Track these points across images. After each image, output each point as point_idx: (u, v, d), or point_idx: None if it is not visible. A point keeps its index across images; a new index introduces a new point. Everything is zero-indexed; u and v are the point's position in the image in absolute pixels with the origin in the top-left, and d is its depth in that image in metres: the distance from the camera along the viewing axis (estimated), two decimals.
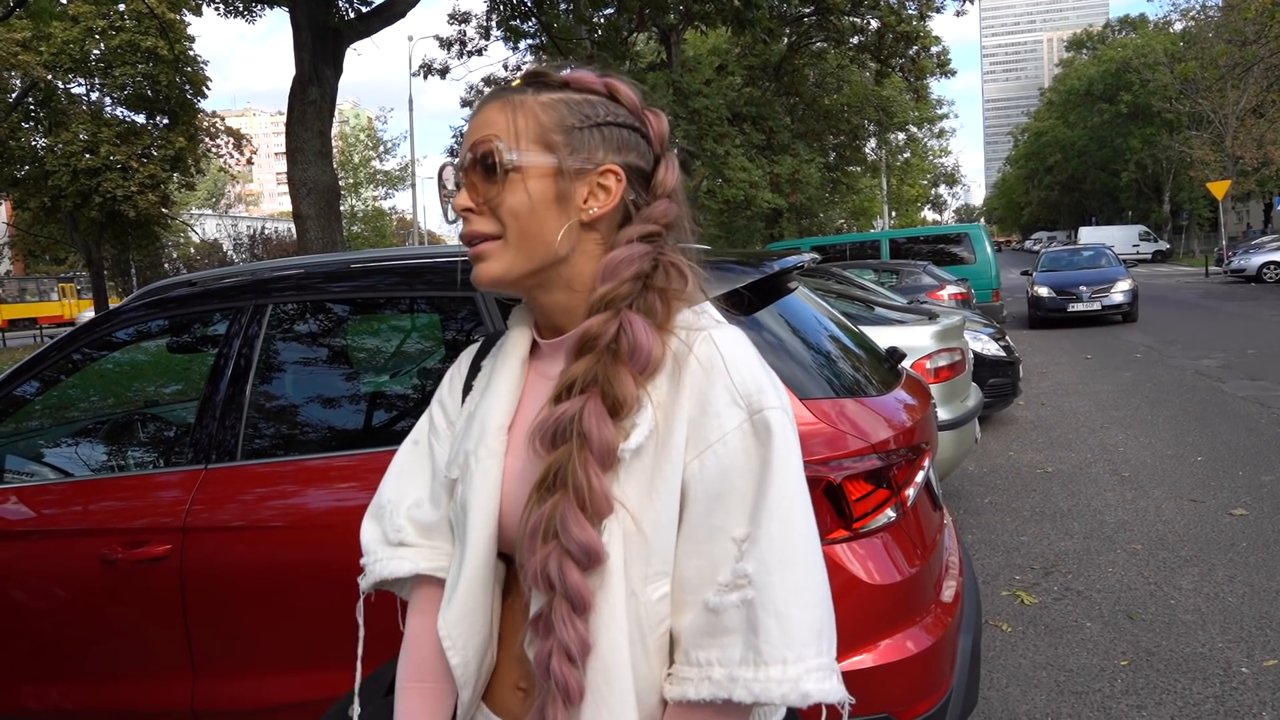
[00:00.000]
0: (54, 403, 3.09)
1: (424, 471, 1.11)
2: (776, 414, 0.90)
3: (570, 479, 0.87)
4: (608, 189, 0.96)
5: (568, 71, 1.00)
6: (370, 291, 2.55)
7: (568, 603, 0.86)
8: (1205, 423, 7.28)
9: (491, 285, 0.97)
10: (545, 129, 0.95)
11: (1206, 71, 35.17)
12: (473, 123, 0.98)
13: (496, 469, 0.98)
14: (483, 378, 1.08)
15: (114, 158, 25.26)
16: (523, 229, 0.95)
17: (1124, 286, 15.94)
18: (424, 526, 1.08)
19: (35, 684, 2.43)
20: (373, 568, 1.10)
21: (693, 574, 0.89)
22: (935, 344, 5.06)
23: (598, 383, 0.89)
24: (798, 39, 24.56)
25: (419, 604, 1.08)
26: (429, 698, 1.04)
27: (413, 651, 1.07)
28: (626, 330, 0.90)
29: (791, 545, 0.87)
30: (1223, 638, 3.48)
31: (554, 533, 0.86)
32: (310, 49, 9.81)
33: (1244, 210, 53.36)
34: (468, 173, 0.96)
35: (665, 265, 0.96)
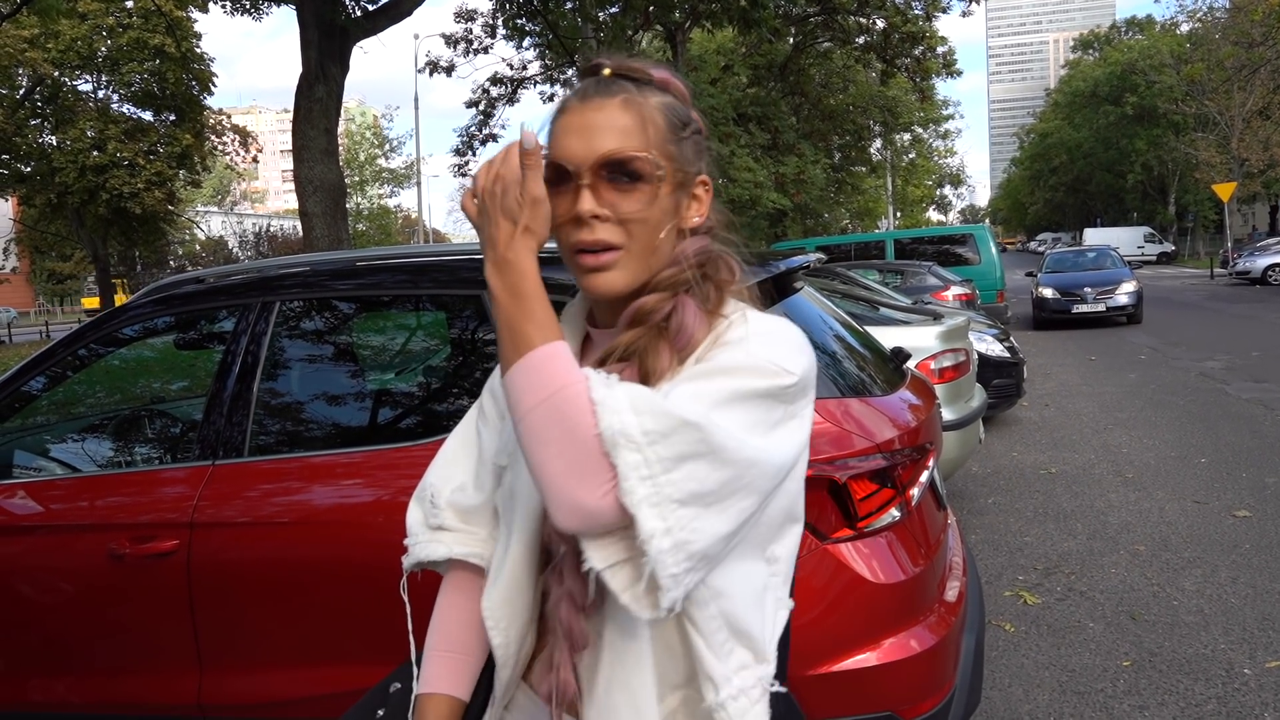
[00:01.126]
0: (62, 399, 3.11)
1: (470, 457, 1.14)
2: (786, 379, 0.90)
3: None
4: (700, 199, 1.01)
5: (663, 74, 1.00)
6: (376, 289, 2.57)
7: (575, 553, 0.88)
8: (1209, 424, 7.27)
9: (613, 297, 0.97)
10: (665, 137, 0.96)
11: (1213, 73, 35.06)
12: (589, 118, 0.95)
13: None
14: None
15: (121, 155, 25.33)
16: (645, 243, 0.96)
17: (1129, 288, 15.91)
18: (464, 511, 1.11)
19: (43, 678, 2.45)
20: (414, 549, 1.13)
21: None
22: (940, 344, 5.06)
23: (638, 354, 0.93)
24: (803, 39, 24.55)
25: (451, 583, 1.13)
26: (453, 665, 1.09)
27: (441, 624, 1.11)
28: (679, 311, 0.94)
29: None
30: (1225, 639, 3.48)
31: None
32: (317, 47, 9.83)
33: (1249, 212, 53.20)
34: (594, 176, 0.93)
35: (718, 258, 1.00)
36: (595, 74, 0.99)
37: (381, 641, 2.16)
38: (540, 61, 21.03)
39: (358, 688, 2.18)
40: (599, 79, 0.98)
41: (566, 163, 0.94)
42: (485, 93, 21.14)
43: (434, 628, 1.12)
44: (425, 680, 1.09)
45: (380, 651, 2.16)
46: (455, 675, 1.08)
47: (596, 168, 0.93)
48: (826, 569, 1.96)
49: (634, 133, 0.94)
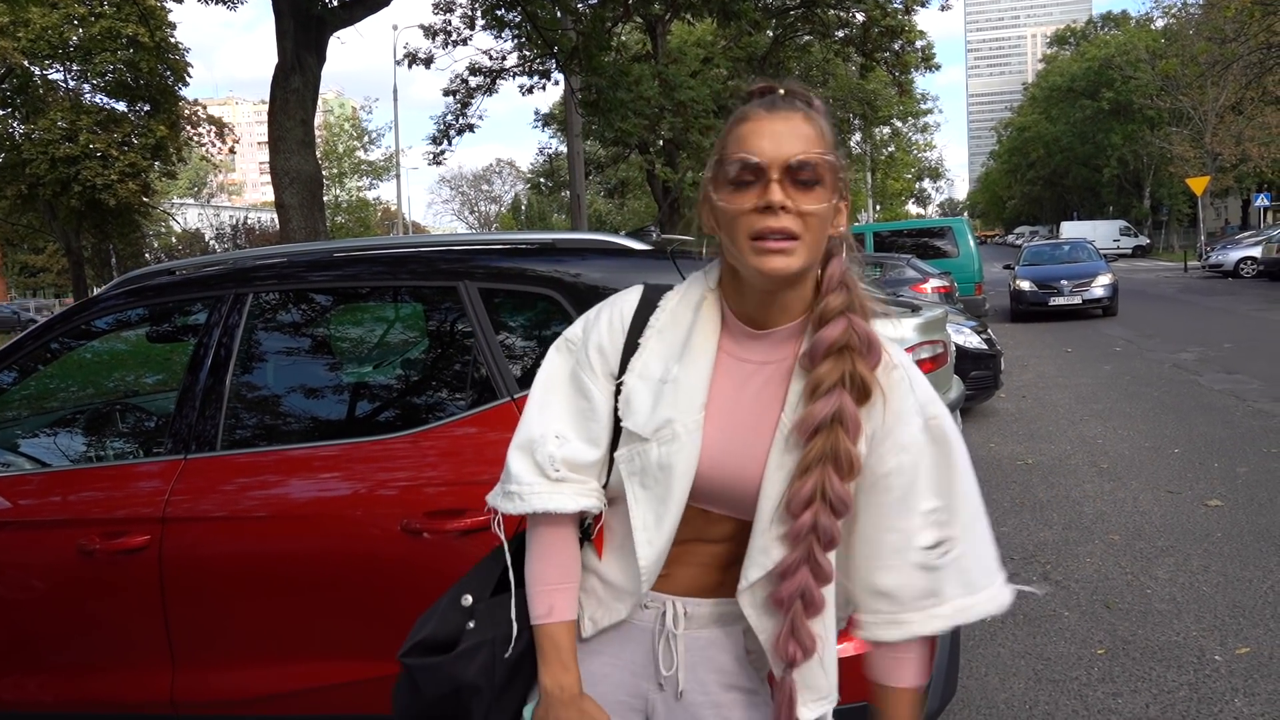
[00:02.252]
0: (31, 392, 3.06)
1: (567, 409, 1.24)
2: (947, 419, 1.18)
3: (835, 452, 1.10)
4: (843, 211, 1.16)
5: (818, 100, 1.16)
6: (353, 281, 2.54)
7: (822, 543, 1.12)
8: (1182, 415, 7.36)
9: (787, 277, 1.11)
10: (832, 147, 1.13)
11: (1187, 69, 35.34)
12: (778, 126, 1.10)
13: (699, 439, 1.17)
14: (660, 343, 1.21)
15: (93, 146, 24.92)
16: (816, 237, 1.11)
17: (1104, 281, 16.08)
18: (577, 464, 1.23)
19: (12, 676, 2.41)
20: (530, 498, 1.22)
21: (891, 543, 1.16)
22: (918, 336, 5.08)
23: (846, 379, 1.11)
24: (783, 32, 24.55)
25: (555, 527, 1.24)
26: (568, 595, 1.24)
27: (554, 563, 1.24)
28: (859, 333, 1.13)
29: (976, 508, 1.18)
30: (1197, 626, 3.52)
31: (820, 495, 1.10)
32: (293, 36, 9.71)
33: (1222, 206, 53.84)
34: (784, 174, 1.08)
35: (851, 276, 1.17)
36: (773, 92, 1.15)
37: (358, 636, 2.15)
38: (519, 53, 20.91)
39: (333, 683, 2.17)
40: (779, 95, 1.14)
41: (760, 159, 1.08)
42: (463, 82, 20.98)
43: (547, 563, 1.24)
44: (554, 610, 1.22)
45: (355, 646, 2.15)
46: (572, 603, 1.24)
47: (785, 166, 1.08)
48: None
49: (816, 141, 1.10)
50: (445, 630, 1.26)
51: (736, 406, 1.18)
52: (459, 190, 72.21)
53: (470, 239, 2.66)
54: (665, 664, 1.23)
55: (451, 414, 2.29)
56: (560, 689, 1.20)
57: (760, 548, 1.15)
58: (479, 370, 2.27)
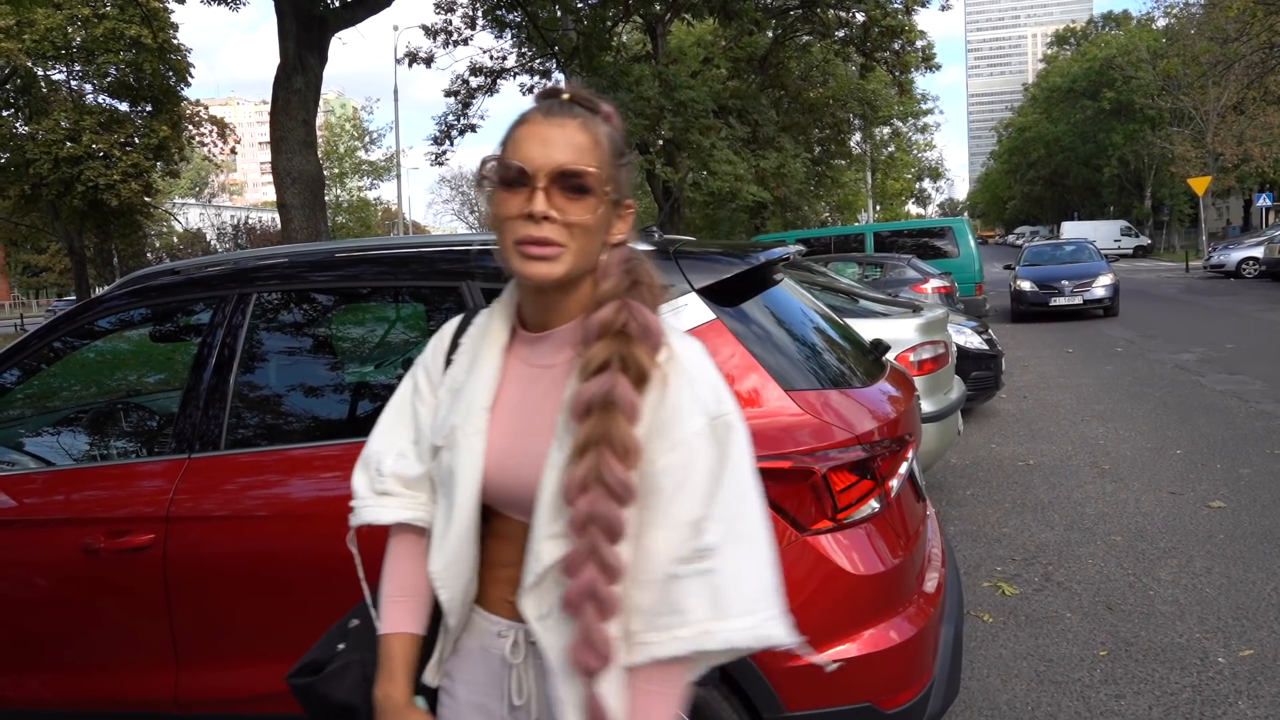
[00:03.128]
0: (35, 391, 3.06)
1: (407, 428, 1.30)
2: (733, 418, 1.10)
3: (611, 435, 1.04)
4: (626, 219, 1.17)
5: (607, 109, 1.15)
6: (355, 281, 2.54)
7: (606, 534, 1.03)
8: (1184, 416, 7.35)
9: (549, 283, 1.11)
10: (607, 159, 1.12)
11: (1188, 68, 35.35)
12: (551, 132, 1.09)
13: (481, 443, 1.17)
14: (464, 355, 1.24)
15: (96, 146, 24.91)
16: (582, 245, 1.10)
17: (1105, 281, 16.06)
18: (407, 479, 1.27)
19: (17, 675, 2.42)
20: (360, 511, 1.29)
21: (653, 553, 1.06)
22: (919, 337, 5.09)
23: (621, 360, 1.07)
24: (783, 32, 24.54)
25: (398, 540, 1.29)
26: (409, 607, 1.26)
27: (395, 573, 1.28)
28: (636, 316, 1.09)
29: (745, 522, 1.07)
30: (1200, 628, 3.52)
31: (597, 480, 1.03)
32: (295, 37, 9.73)
33: (1224, 206, 53.81)
34: (549, 183, 1.08)
35: (641, 263, 1.15)
36: (556, 96, 1.14)
37: None
38: (519, 52, 20.93)
39: None
40: (560, 100, 1.13)
41: (526, 165, 1.08)
42: (464, 83, 21.01)
43: (388, 577, 1.29)
44: (387, 622, 1.26)
45: None
46: (414, 615, 1.26)
47: (553, 175, 1.07)
48: (806, 560, 1.97)
49: (588, 151, 1.09)
50: (324, 653, 1.33)
51: (522, 410, 1.17)
52: (459, 190, 72.18)
53: (472, 239, 2.67)
54: (515, 694, 1.18)
55: None
56: (386, 698, 1.23)
57: (534, 549, 1.09)
58: None
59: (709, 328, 2.11)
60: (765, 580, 1.06)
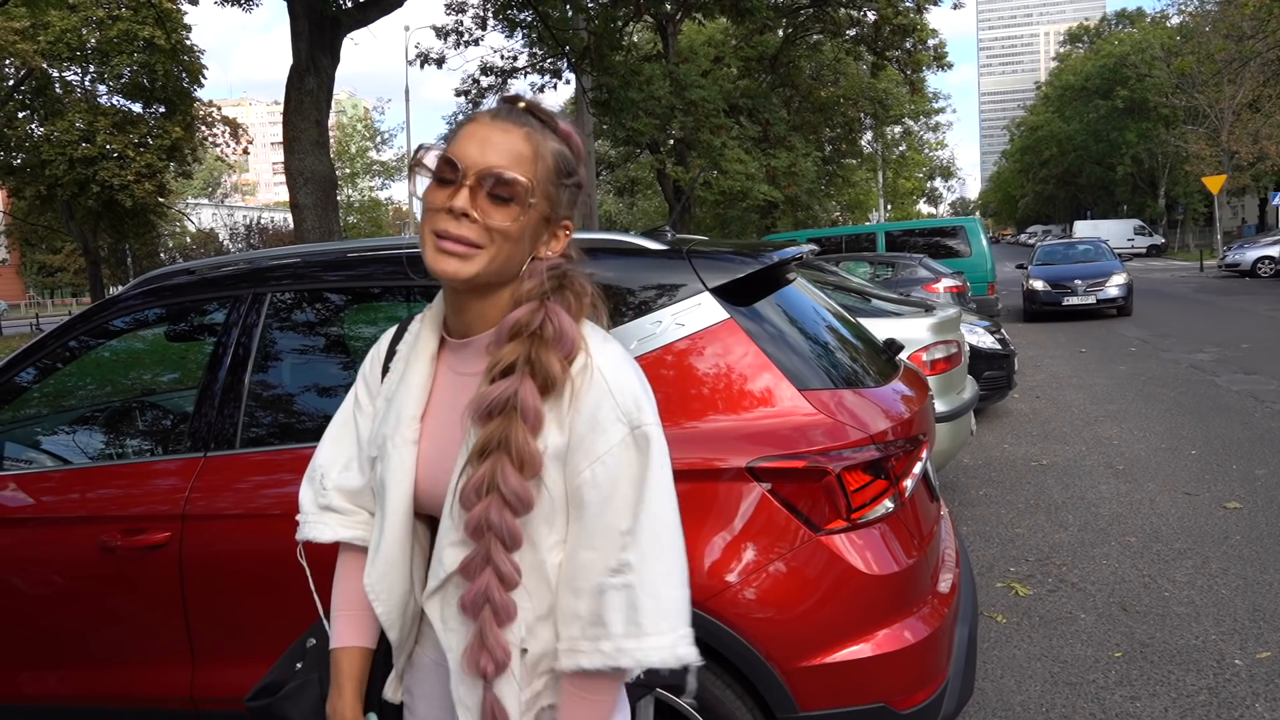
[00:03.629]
0: (52, 391, 3.09)
1: (350, 439, 1.29)
2: (653, 428, 1.08)
3: (509, 442, 1.03)
4: (560, 239, 1.16)
5: (564, 123, 1.15)
6: (367, 280, 2.55)
7: (501, 542, 1.04)
8: (1199, 416, 7.30)
9: (460, 282, 1.09)
10: (548, 179, 1.11)
11: (1203, 66, 35.11)
12: (493, 134, 1.09)
13: (410, 453, 1.16)
14: (398, 364, 1.23)
15: (110, 147, 25.12)
16: (500, 251, 1.09)
17: (1119, 280, 15.96)
18: (350, 492, 1.27)
19: (34, 671, 2.44)
20: (304, 527, 1.30)
21: (587, 563, 1.06)
22: (932, 336, 5.07)
23: (530, 364, 1.06)
24: (794, 31, 24.51)
25: (345, 555, 1.30)
26: (356, 620, 1.26)
27: (342, 588, 1.29)
28: (553, 319, 1.08)
29: (663, 537, 1.06)
30: (1216, 630, 3.50)
31: (492, 486, 1.03)
32: (307, 38, 9.76)
33: (1239, 205, 53.41)
34: (477, 182, 1.07)
35: (572, 274, 1.15)
36: (512, 104, 1.14)
37: None
38: (530, 52, 20.95)
39: None
40: (514, 108, 1.13)
41: (459, 161, 1.08)
42: (475, 83, 21.04)
43: (336, 591, 1.29)
44: (336, 636, 1.26)
45: None
46: (360, 629, 1.26)
47: (481, 175, 1.07)
48: (820, 560, 1.96)
49: (524, 162, 1.09)
50: (282, 674, 1.32)
51: (448, 419, 1.15)
52: None
53: None
54: (461, 712, 1.11)
55: None
56: (334, 713, 1.23)
57: (438, 554, 1.11)
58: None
59: (722, 327, 2.11)
60: (680, 598, 1.06)
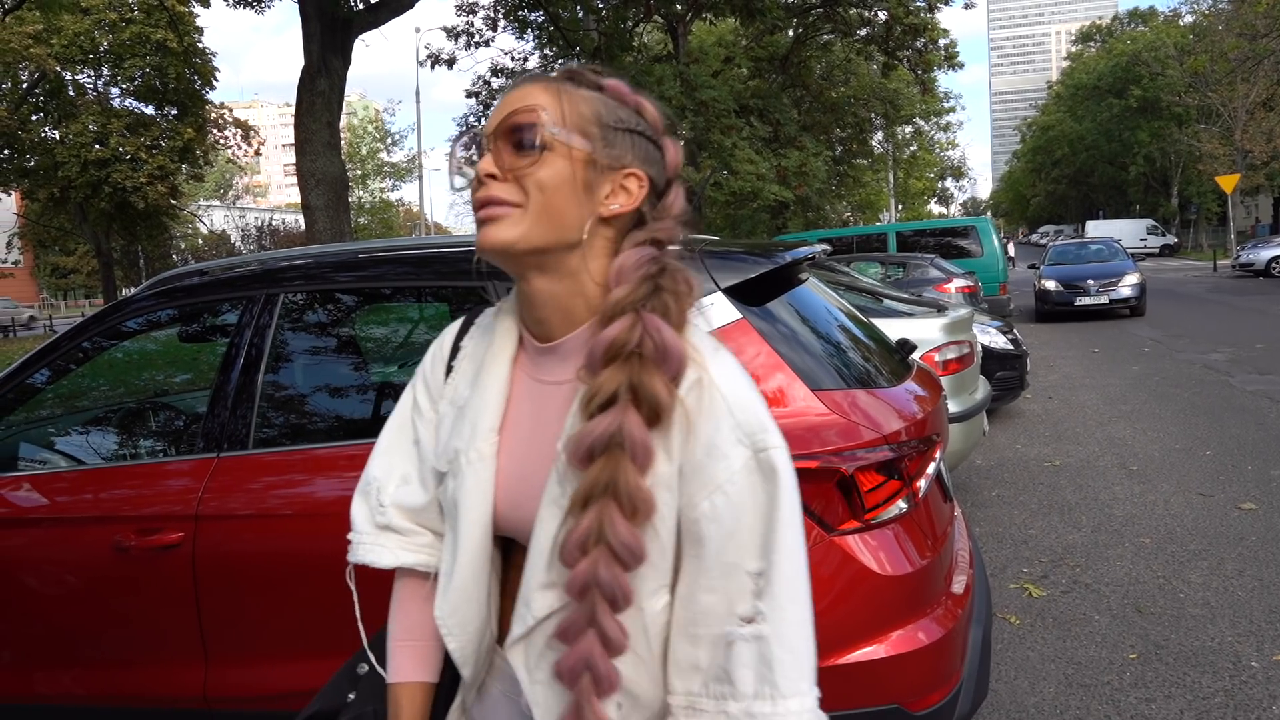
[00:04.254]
0: (66, 392, 3.10)
1: (409, 446, 1.15)
2: (779, 452, 0.92)
3: (617, 486, 0.87)
4: (629, 191, 0.98)
5: (608, 81, 1.01)
6: (380, 281, 2.56)
7: (609, 602, 0.88)
8: (1214, 417, 7.25)
9: (500, 250, 0.96)
10: (584, 119, 0.97)
11: (1216, 65, 34.91)
12: (510, 96, 0.99)
13: (488, 471, 1.02)
14: (465, 363, 1.10)
15: (123, 149, 25.27)
16: (546, 203, 0.94)
17: (1131, 280, 15.86)
18: (411, 510, 1.13)
19: (49, 671, 2.45)
20: (358, 548, 1.15)
21: (708, 608, 0.91)
22: (944, 337, 5.05)
23: (632, 391, 0.89)
24: (805, 31, 24.46)
25: (403, 583, 1.17)
26: (418, 653, 1.13)
27: (400, 616, 1.16)
28: (653, 334, 0.90)
29: (796, 581, 0.91)
30: (1232, 631, 3.47)
31: (599, 539, 0.88)
32: (319, 40, 9.81)
33: (1253, 204, 53.01)
34: (498, 140, 0.96)
35: (671, 270, 0.96)
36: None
37: None
38: (540, 53, 20.98)
39: None
40: (538, 74, 1.01)
41: (482, 134, 0.99)
42: (486, 84, 21.08)
43: (393, 619, 1.16)
44: (394, 670, 1.13)
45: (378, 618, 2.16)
46: (421, 662, 1.13)
47: (499, 132, 0.96)
48: (833, 561, 1.95)
49: (544, 103, 0.96)
50: (332, 702, 1.21)
51: (532, 434, 1.01)
52: None
53: None
54: None
55: None
56: None
57: (525, 596, 0.96)
58: None
59: (735, 327, 2.10)
60: (811, 654, 0.92)
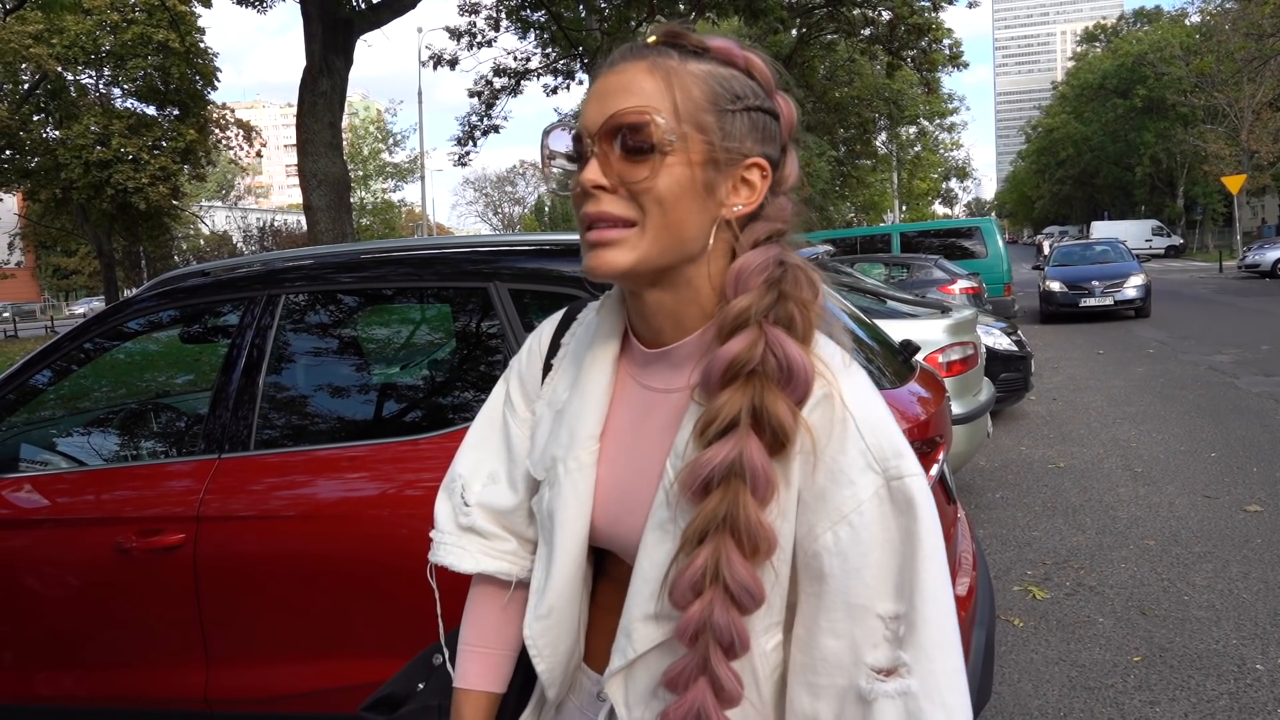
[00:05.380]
0: (67, 393, 3.10)
1: (500, 443, 1.07)
2: (916, 481, 0.81)
3: (736, 521, 0.79)
4: (752, 185, 0.86)
5: (715, 42, 0.88)
6: (382, 282, 2.55)
7: (723, 648, 0.80)
8: (1219, 418, 7.23)
9: (617, 276, 0.85)
10: (699, 106, 0.83)
11: (1223, 65, 34.85)
12: (610, 82, 0.84)
13: (587, 481, 0.94)
14: (565, 363, 1.02)
15: (125, 150, 25.30)
16: (666, 219, 0.83)
17: (1136, 281, 15.83)
18: (497, 512, 1.05)
19: (49, 672, 2.44)
20: (439, 549, 1.07)
21: (831, 654, 0.80)
22: (948, 338, 5.04)
23: (753, 416, 0.80)
24: (808, 30, 24.44)
25: (480, 588, 1.09)
26: (488, 661, 1.07)
27: (474, 620, 1.09)
28: (777, 350, 0.80)
29: (945, 628, 0.79)
30: (1237, 634, 3.45)
31: (714, 579, 0.80)
32: (321, 40, 9.81)
33: (1259, 205, 52.96)
34: (602, 142, 0.83)
35: (794, 270, 0.85)
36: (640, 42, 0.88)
37: (387, 635, 2.15)
38: (543, 53, 20.98)
39: (364, 682, 2.17)
40: (635, 45, 0.87)
41: (582, 130, 0.85)
42: (488, 83, 21.08)
43: (466, 623, 1.10)
44: (462, 676, 1.07)
45: (386, 645, 2.15)
46: (490, 671, 1.07)
47: (604, 132, 0.83)
48: None
49: (654, 96, 0.82)
50: (403, 688, 1.17)
51: (635, 443, 0.93)
52: (482, 192, 72.72)
53: (499, 240, 2.67)
54: None
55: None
56: None
57: (626, 627, 0.87)
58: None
59: None
60: (968, 710, 0.80)
